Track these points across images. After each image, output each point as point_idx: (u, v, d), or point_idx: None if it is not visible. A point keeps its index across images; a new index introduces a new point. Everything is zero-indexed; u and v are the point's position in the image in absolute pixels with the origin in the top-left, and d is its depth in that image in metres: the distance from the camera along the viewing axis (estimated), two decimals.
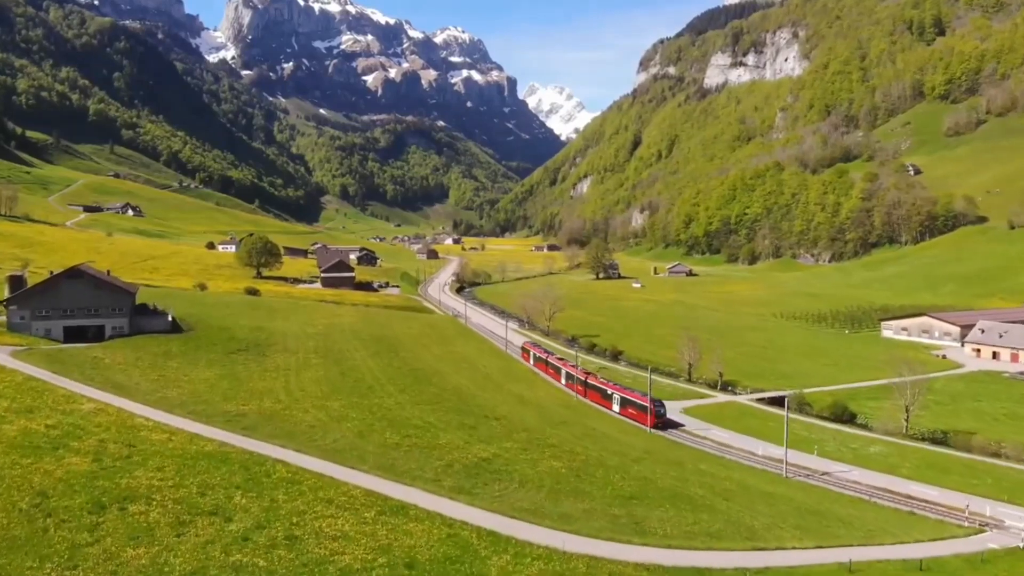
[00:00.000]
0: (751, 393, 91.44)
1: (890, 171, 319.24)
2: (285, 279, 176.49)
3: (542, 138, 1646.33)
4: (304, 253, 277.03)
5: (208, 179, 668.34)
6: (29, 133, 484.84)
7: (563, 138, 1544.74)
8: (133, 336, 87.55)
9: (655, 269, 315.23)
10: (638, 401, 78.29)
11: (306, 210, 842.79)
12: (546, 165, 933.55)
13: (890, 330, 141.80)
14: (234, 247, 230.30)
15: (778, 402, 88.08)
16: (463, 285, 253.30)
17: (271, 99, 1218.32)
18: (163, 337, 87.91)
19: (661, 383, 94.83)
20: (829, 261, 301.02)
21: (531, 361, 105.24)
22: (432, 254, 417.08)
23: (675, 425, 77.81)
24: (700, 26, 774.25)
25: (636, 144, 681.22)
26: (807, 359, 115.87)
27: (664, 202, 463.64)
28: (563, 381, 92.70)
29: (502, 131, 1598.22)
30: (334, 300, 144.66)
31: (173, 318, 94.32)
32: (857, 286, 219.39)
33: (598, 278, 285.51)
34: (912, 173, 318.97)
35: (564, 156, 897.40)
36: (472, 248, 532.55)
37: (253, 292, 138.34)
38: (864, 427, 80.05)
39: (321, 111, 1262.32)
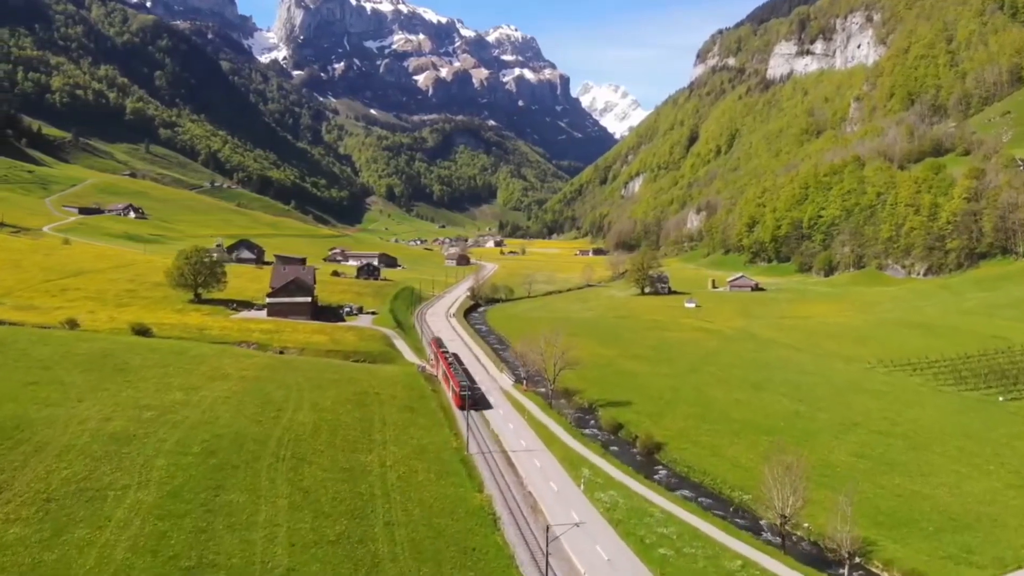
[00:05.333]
0: None
1: (997, 167, 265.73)
2: (230, 303, 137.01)
3: (595, 136, 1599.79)
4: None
5: (247, 179, 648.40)
6: (47, 130, 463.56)
7: (617, 136, 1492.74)
8: None
9: (713, 282, 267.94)
10: (455, 388, 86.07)
11: (349, 211, 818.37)
12: (596, 163, 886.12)
13: None
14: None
15: None
16: (478, 303, 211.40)
17: (321, 99, 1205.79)
18: None
19: (730, 552, 50.17)
20: (925, 274, 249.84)
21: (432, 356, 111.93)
22: (463, 260, 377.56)
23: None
24: (762, 15, 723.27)
25: (693, 140, 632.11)
26: (968, 466, 69.40)
27: (724, 202, 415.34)
28: (439, 374, 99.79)
29: (554, 130, 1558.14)
30: (260, 340, 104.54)
31: None
32: (977, 313, 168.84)
33: (643, 293, 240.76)
34: (1023, 169, 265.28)
35: (615, 154, 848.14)
36: (511, 252, 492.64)
37: (142, 331, 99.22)
38: None
39: (371, 111, 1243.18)
